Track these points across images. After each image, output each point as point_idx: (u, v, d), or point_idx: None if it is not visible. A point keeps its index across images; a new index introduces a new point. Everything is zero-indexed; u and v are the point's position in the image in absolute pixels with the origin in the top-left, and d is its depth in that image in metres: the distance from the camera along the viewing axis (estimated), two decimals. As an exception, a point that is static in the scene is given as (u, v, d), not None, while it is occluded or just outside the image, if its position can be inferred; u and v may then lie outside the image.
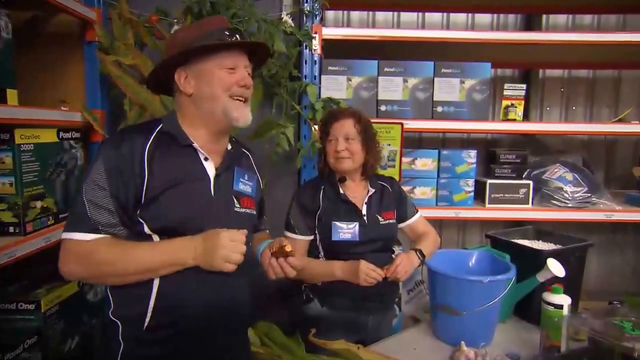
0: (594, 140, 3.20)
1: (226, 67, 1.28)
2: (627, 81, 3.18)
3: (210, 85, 1.27)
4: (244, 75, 1.30)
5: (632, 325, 1.33)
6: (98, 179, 1.17)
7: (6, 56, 1.53)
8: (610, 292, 3.04)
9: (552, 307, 1.61)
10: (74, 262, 1.16)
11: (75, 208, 1.19)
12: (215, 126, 1.31)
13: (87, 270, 1.18)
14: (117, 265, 1.16)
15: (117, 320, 1.23)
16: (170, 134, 1.28)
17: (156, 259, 1.18)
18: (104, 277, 1.21)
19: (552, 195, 2.52)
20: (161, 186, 1.20)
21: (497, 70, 3.14)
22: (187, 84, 1.29)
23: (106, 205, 1.16)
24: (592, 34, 2.45)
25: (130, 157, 1.19)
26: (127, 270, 1.17)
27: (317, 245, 1.79)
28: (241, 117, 1.30)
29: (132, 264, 1.16)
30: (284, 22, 2.27)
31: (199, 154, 1.30)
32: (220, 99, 1.27)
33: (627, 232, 3.23)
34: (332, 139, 1.77)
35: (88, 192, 1.17)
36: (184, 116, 1.32)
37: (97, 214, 1.16)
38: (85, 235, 1.15)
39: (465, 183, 2.50)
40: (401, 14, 3.10)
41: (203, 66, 1.27)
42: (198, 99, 1.29)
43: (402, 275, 1.69)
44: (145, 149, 1.21)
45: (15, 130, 1.58)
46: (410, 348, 1.71)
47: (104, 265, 1.16)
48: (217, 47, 1.27)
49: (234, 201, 1.34)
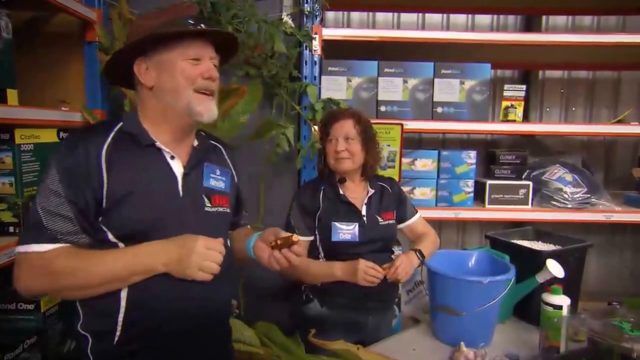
0: (594, 141, 3.20)
1: (189, 57, 1.18)
2: (626, 82, 3.19)
3: (172, 77, 1.18)
4: (209, 67, 1.21)
5: (631, 326, 1.33)
6: (52, 185, 1.09)
7: (6, 56, 1.53)
8: (608, 293, 3.05)
9: (552, 307, 1.61)
10: (29, 276, 1.07)
11: (29, 219, 1.10)
12: (178, 122, 1.22)
13: (45, 284, 1.09)
14: (78, 275, 1.07)
15: (87, 334, 1.16)
16: (131, 134, 1.19)
17: (123, 266, 1.09)
18: (66, 291, 1.11)
19: (552, 196, 2.52)
20: (122, 190, 1.12)
21: (496, 71, 3.14)
22: (147, 76, 1.19)
23: (63, 213, 1.08)
24: (591, 35, 2.46)
25: (86, 161, 1.10)
26: (90, 281, 1.08)
27: (317, 246, 1.79)
28: (205, 112, 1.21)
29: (96, 273, 1.08)
30: (284, 22, 2.28)
31: (163, 153, 1.21)
32: (184, 92, 1.18)
33: (626, 233, 3.23)
34: (332, 139, 1.78)
35: (41, 200, 1.09)
36: (146, 112, 1.23)
37: (54, 223, 1.08)
38: (42, 245, 1.07)
39: (465, 184, 2.50)
40: (401, 14, 3.10)
41: (164, 56, 1.18)
42: (159, 92, 1.20)
43: (403, 276, 1.69)
44: (101, 151, 1.13)
45: (15, 130, 1.58)
46: (410, 348, 1.71)
47: (63, 276, 1.07)
48: (179, 36, 1.17)
49: (205, 200, 1.26)
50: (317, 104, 2.30)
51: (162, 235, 1.13)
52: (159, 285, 1.13)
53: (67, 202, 1.09)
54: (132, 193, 1.13)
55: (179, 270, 1.11)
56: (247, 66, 2.26)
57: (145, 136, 1.20)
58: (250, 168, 2.38)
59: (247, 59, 2.25)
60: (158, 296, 1.14)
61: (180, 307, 1.17)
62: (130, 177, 1.14)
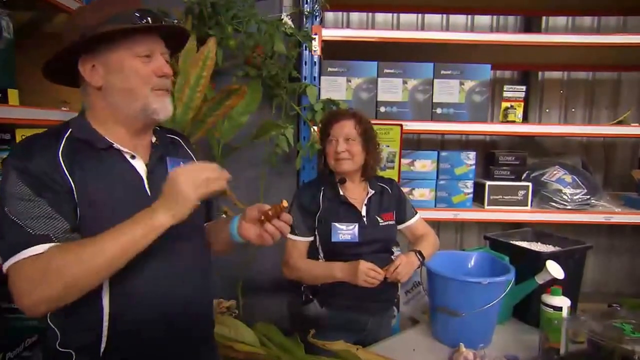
0: (593, 142, 3.21)
1: (140, 55, 1.10)
2: (626, 83, 3.20)
3: (123, 77, 1.10)
4: (162, 64, 1.13)
5: (633, 327, 1.33)
6: (20, 193, 1.00)
7: (7, 56, 1.54)
8: (606, 295, 3.06)
9: (552, 309, 1.61)
10: (31, 285, 0.96)
11: (6, 233, 1.00)
12: (132, 123, 1.15)
13: (49, 287, 0.97)
14: (84, 260, 0.97)
15: (69, 350, 1.09)
16: (84, 140, 1.10)
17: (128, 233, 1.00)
18: (73, 287, 0.99)
19: (551, 197, 2.52)
20: (90, 197, 1.05)
21: (496, 71, 3.15)
22: (94, 75, 1.10)
23: (43, 213, 1.00)
24: (592, 36, 2.45)
25: (46, 164, 1.03)
26: (98, 263, 0.98)
27: (317, 247, 1.79)
28: (162, 110, 1.14)
29: (102, 252, 0.98)
30: (284, 23, 2.28)
31: (123, 154, 1.14)
32: (140, 92, 1.11)
33: (625, 235, 3.24)
34: (332, 140, 1.78)
35: (14, 209, 1.00)
36: (95, 112, 1.14)
37: (36, 225, 0.99)
38: (34, 249, 0.97)
39: (464, 185, 2.50)
40: (400, 15, 3.11)
41: (112, 55, 1.09)
42: (109, 93, 1.11)
43: (403, 276, 1.69)
44: (58, 156, 1.05)
45: (16, 130, 1.59)
46: (409, 349, 1.71)
47: (66, 269, 0.97)
48: (127, 32, 1.08)
49: None
50: (317, 104, 2.30)
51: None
52: (140, 291, 1.10)
53: (45, 204, 1.01)
54: (100, 199, 1.07)
55: (178, 209, 1.02)
56: (247, 67, 2.26)
57: (100, 139, 1.12)
58: (250, 168, 2.39)
59: (246, 59, 2.25)
60: (140, 302, 1.10)
61: (163, 310, 1.13)
62: (94, 183, 1.07)
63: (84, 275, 0.98)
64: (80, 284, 0.99)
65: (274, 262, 1.87)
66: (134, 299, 1.09)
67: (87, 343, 1.08)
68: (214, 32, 2.12)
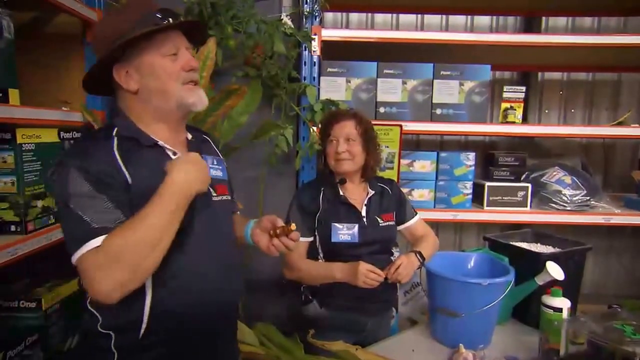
0: (593, 143, 3.21)
1: (167, 53, 1.17)
2: (626, 84, 3.20)
3: (156, 78, 1.17)
4: (188, 58, 1.20)
5: (634, 329, 1.33)
6: (81, 189, 1.06)
7: (8, 56, 1.53)
8: (605, 296, 3.06)
9: (552, 310, 1.61)
10: (102, 273, 1.01)
11: (71, 226, 1.06)
12: (171, 118, 1.23)
13: (118, 271, 1.01)
14: (139, 237, 1.02)
15: (109, 331, 1.15)
16: (131, 138, 1.17)
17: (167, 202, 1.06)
18: (138, 265, 1.03)
19: (551, 198, 2.52)
20: (144, 190, 1.10)
21: (495, 72, 3.15)
22: (129, 81, 1.17)
23: (105, 208, 1.06)
24: (592, 37, 2.45)
25: (105, 162, 1.10)
26: (152, 235, 1.04)
27: (317, 247, 1.79)
28: (198, 101, 1.22)
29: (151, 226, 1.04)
30: (284, 23, 2.28)
31: (166, 151, 1.21)
32: (172, 90, 1.18)
33: (624, 236, 3.24)
34: (332, 140, 1.78)
35: (78, 206, 1.05)
36: (135, 114, 1.21)
37: (100, 219, 1.05)
38: (94, 240, 1.03)
39: (464, 185, 2.50)
40: (400, 15, 3.12)
41: (142, 59, 1.16)
42: (146, 95, 1.19)
43: (404, 277, 1.69)
44: (114, 153, 1.12)
45: (17, 130, 1.59)
46: (409, 350, 1.72)
47: (128, 248, 1.01)
48: (153, 34, 1.15)
49: (211, 191, 1.27)
50: (316, 105, 2.30)
51: (182, 228, 1.12)
52: (181, 277, 1.16)
53: (107, 200, 1.06)
54: (151, 193, 1.10)
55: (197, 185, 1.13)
56: (247, 67, 2.26)
57: (145, 137, 1.19)
58: (249, 169, 2.39)
59: (246, 59, 2.25)
60: (180, 288, 1.15)
61: (201, 297, 1.19)
62: (145, 177, 1.13)
63: (144, 252, 1.03)
64: (144, 263, 1.04)
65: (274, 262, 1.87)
66: (174, 285, 1.15)
67: (128, 325, 1.14)
68: (214, 32, 2.12)
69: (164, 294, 1.14)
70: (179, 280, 1.16)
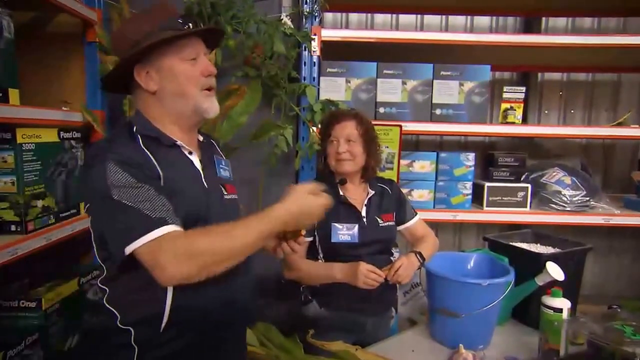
0: (592, 143, 3.22)
1: (187, 58, 1.21)
2: (626, 85, 3.20)
3: (175, 81, 1.21)
4: (207, 64, 1.25)
5: (634, 329, 1.33)
6: (124, 180, 1.07)
7: (8, 56, 1.54)
8: (605, 296, 3.06)
9: (552, 310, 1.61)
10: (177, 261, 1.03)
11: (123, 219, 1.06)
12: (186, 122, 1.27)
13: (191, 267, 1.04)
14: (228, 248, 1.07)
15: (129, 327, 1.18)
16: (151, 136, 1.21)
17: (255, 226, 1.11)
18: (209, 268, 1.07)
19: (551, 199, 2.52)
20: (171, 186, 1.15)
21: (495, 73, 3.15)
22: (149, 81, 1.21)
23: (152, 196, 1.07)
24: (591, 37, 2.45)
25: (140, 157, 1.14)
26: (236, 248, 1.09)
27: (317, 247, 1.79)
28: (211, 108, 1.26)
29: (238, 238, 1.09)
30: (284, 23, 2.28)
31: (183, 150, 1.26)
32: (191, 94, 1.22)
33: (624, 237, 3.24)
34: (333, 140, 1.78)
35: (125, 196, 1.06)
36: (152, 114, 1.25)
37: (153, 207, 1.06)
38: (166, 228, 1.05)
39: (463, 186, 2.50)
40: (399, 16, 3.12)
41: (163, 61, 1.20)
42: (164, 96, 1.22)
43: (404, 278, 1.69)
44: (143, 149, 1.16)
45: (17, 130, 1.59)
46: (409, 350, 1.72)
47: (211, 251, 1.06)
48: (175, 39, 1.20)
49: (222, 189, 1.33)
50: (316, 105, 2.31)
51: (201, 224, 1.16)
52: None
53: (148, 188, 1.08)
54: (176, 189, 1.16)
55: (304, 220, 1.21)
56: (246, 67, 2.26)
57: (165, 137, 1.23)
58: (249, 169, 2.38)
59: (246, 59, 2.25)
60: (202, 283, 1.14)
61: (222, 292, 1.22)
62: (170, 174, 1.17)
63: (221, 260, 1.08)
64: (214, 268, 1.08)
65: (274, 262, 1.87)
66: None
67: (150, 319, 1.17)
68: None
69: (185, 288, 1.15)
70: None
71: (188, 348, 1.22)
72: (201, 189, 1.25)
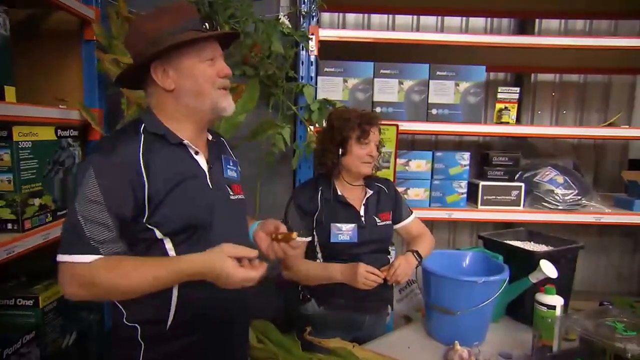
0: (584, 143, 3.26)
1: (206, 58, 1.24)
2: (617, 86, 3.24)
3: (193, 80, 1.22)
4: (223, 65, 1.27)
5: (624, 326, 1.35)
6: (91, 193, 1.10)
7: (4, 53, 1.53)
8: (595, 293, 3.10)
9: (545, 307, 1.63)
10: (78, 286, 1.10)
11: (69, 227, 1.11)
12: (202, 120, 1.28)
13: (89, 294, 1.12)
14: (120, 289, 1.11)
15: (135, 324, 1.21)
16: (157, 135, 1.22)
17: (164, 279, 1.12)
18: (111, 297, 1.19)
19: (544, 198, 2.56)
20: (163, 190, 1.16)
21: (490, 73, 3.17)
22: (166, 79, 1.22)
23: (103, 221, 1.10)
24: (583, 39, 2.49)
25: (127, 166, 1.14)
26: (133, 288, 1.11)
27: (315, 247, 1.80)
28: (228, 107, 1.29)
29: (135, 284, 1.11)
30: (281, 23, 2.29)
31: (189, 150, 1.26)
32: (208, 93, 1.24)
33: (614, 234, 3.29)
34: (367, 143, 1.77)
35: (82, 208, 1.10)
36: (164, 112, 1.26)
37: (94, 232, 1.10)
38: (86, 257, 1.09)
39: (458, 185, 2.53)
40: (396, 16, 3.13)
41: (183, 61, 1.22)
42: (181, 95, 1.24)
43: (403, 277, 1.71)
44: (139, 155, 1.16)
45: (13, 128, 1.58)
46: (405, 346, 1.73)
47: (109, 290, 1.11)
48: (196, 40, 1.22)
49: (228, 190, 1.34)
50: (313, 104, 2.32)
51: (204, 226, 1.21)
52: None
53: (107, 210, 1.11)
54: (172, 190, 1.17)
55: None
56: (245, 66, 2.27)
57: (172, 135, 1.24)
58: (246, 167, 2.38)
59: (244, 58, 2.26)
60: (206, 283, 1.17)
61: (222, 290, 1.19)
62: (167, 175, 1.18)
63: (122, 294, 1.14)
64: (117, 298, 1.19)
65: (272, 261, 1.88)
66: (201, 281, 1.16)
67: (156, 317, 1.21)
68: (212, 31, 2.13)
69: (190, 288, 1.18)
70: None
71: (194, 345, 1.24)
72: (205, 189, 1.26)
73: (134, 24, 1.28)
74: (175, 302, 1.20)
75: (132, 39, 1.26)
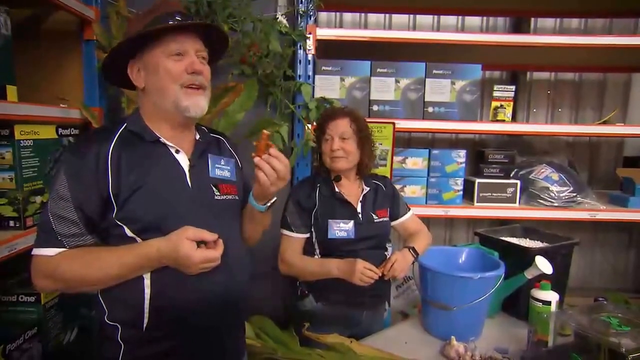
0: (579, 141, 3.28)
1: (172, 53, 1.18)
2: (612, 84, 3.27)
3: (157, 76, 1.19)
4: (193, 61, 1.20)
5: (619, 321, 1.38)
6: (60, 189, 1.13)
7: (6, 53, 1.55)
8: (589, 289, 3.14)
9: (541, 303, 1.65)
10: (43, 277, 1.15)
11: (41, 223, 1.16)
12: (172, 119, 1.23)
13: (57, 285, 1.17)
14: (84, 278, 1.14)
15: (115, 323, 1.19)
16: (136, 133, 1.21)
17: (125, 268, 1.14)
18: (74, 288, 1.21)
19: (539, 195, 2.58)
20: (131, 187, 1.14)
21: (485, 72, 3.20)
22: (138, 77, 1.22)
23: (69, 216, 1.12)
24: (578, 37, 2.50)
25: (93, 163, 1.13)
26: (97, 278, 1.14)
27: (313, 243, 1.82)
28: (192, 106, 1.20)
29: (100, 276, 1.14)
30: (279, 22, 2.30)
31: (169, 148, 1.23)
32: (170, 90, 1.19)
33: (608, 231, 3.32)
34: (327, 138, 1.80)
35: (52, 204, 1.13)
36: (144, 111, 1.25)
37: (61, 227, 1.12)
38: (49, 250, 1.13)
39: (455, 182, 2.55)
40: (393, 16, 3.15)
41: (150, 57, 1.19)
42: (149, 92, 1.22)
43: (400, 273, 1.73)
44: (108, 152, 1.15)
45: (15, 126, 1.60)
46: (402, 342, 1.75)
47: (71, 280, 1.14)
48: (159, 33, 1.17)
49: (214, 189, 1.28)
50: (311, 103, 2.33)
51: (177, 225, 1.15)
52: (179, 273, 1.16)
53: (73, 206, 1.13)
54: (141, 188, 1.15)
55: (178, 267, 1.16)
56: (243, 65, 2.28)
57: (148, 133, 1.22)
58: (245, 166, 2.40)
59: (242, 58, 2.27)
60: (179, 282, 1.17)
61: (201, 292, 1.20)
62: (138, 173, 1.16)
63: (84, 285, 1.17)
64: (80, 289, 1.20)
65: (270, 256, 1.90)
66: (172, 281, 1.18)
67: (131, 318, 1.18)
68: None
69: (162, 290, 1.18)
70: (176, 277, 1.17)
71: (175, 349, 1.21)
72: (180, 188, 1.22)
73: (127, 24, 1.28)
74: (147, 303, 1.17)
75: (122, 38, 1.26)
